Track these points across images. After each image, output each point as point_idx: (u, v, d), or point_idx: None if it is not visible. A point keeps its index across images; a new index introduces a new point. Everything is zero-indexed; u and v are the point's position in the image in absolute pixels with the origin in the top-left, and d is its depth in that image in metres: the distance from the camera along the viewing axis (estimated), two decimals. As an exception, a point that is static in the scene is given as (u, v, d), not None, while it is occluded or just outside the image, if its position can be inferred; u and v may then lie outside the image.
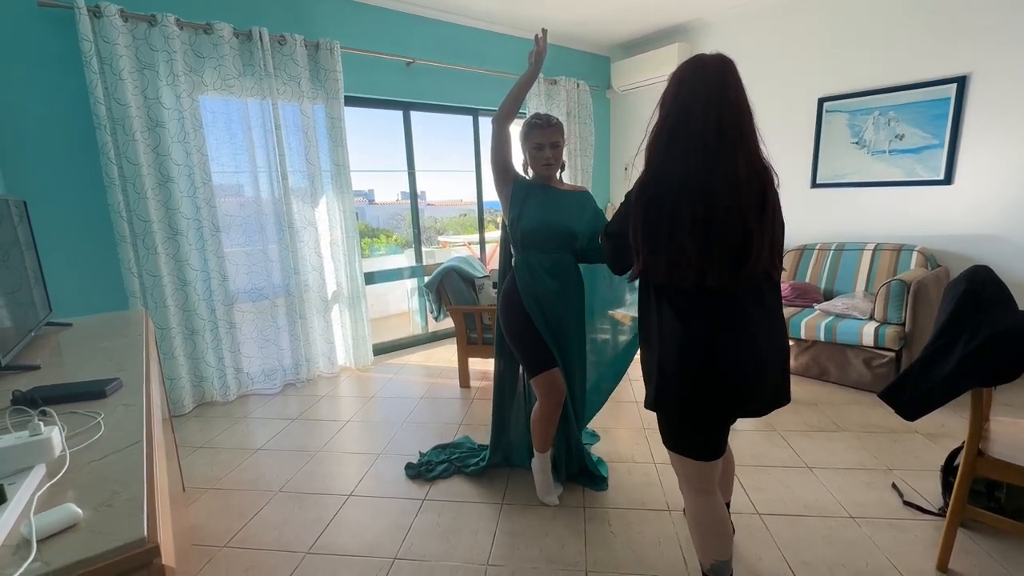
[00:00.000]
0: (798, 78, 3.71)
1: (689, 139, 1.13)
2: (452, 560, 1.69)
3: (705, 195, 1.10)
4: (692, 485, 1.28)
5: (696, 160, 1.12)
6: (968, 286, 1.40)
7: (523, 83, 1.79)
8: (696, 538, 1.32)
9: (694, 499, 1.29)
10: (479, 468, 2.16)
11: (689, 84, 1.15)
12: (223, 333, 3.08)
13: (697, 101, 1.12)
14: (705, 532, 1.29)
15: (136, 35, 2.63)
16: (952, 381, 1.36)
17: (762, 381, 1.17)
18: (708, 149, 1.11)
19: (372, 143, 4.42)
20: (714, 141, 1.11)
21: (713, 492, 1.27)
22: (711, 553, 1.29)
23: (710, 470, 1.25)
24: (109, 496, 0.73)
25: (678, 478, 1.33)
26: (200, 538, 1.83)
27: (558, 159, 1.86)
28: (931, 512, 1.81)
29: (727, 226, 1.10)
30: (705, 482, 1.26)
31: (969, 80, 2.97)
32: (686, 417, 1.21)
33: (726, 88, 1.13)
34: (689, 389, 1.16)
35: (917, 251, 3.13)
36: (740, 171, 1.11)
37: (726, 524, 1.30)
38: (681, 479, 1.31)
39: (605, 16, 4.04)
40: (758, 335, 1.16)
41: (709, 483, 1.26)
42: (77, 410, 1.03)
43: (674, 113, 1.16)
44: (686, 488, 1.31)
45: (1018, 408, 2.59)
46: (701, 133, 1.12)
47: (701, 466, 1.24)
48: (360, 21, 3.48)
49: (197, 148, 2.86)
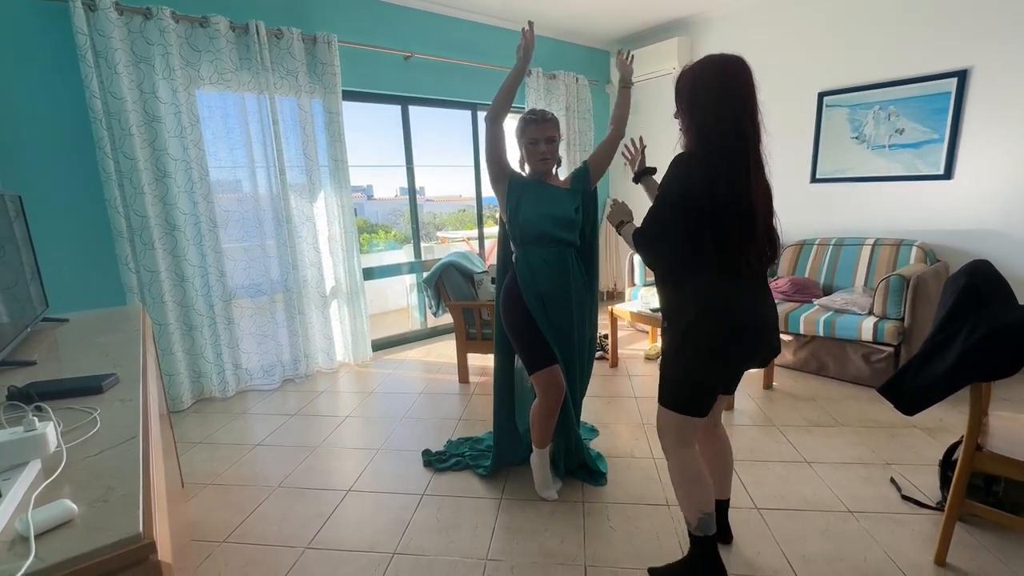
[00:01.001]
0: (798, 72, 3.70)
1: (737, 141, 1.27)
2: (451, 555, 1.69)
3: (747, 195, 1.27)
4: (682, 440, 1.41)
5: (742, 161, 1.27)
6: (968, 281, 1.40)
7: (512, 78, 1.78)
8: (683, 494, 1.43)
9: (681, 453, 1.42)
10: (487, 471, 2.16)
11: (724, 86, 1.28)
12: (221, 329, 3.07)
13: (735, 106, 1.26)
14: (691, 483, 1.41)
15: (132, 28, 2.61)
16: (951, 376, 1.36)
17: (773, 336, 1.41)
18: (748, 150, 1.27)
19: (370, 138, 4.40)
20: (751, 143, 1.28)
21: (695, 444, 1.44)
22: (696, 505, 1.41)
23: (698, 426, 1.42)
24: (105, 492, 0.73)
25: (666, 439, 1.45)
26: (199, 534, 1.83)
27: (554, 154, 1.85)
28: (929, 506, 1.82)
29: (763, 222, 1.31)
30: (692, 436, 1.42)
31: (970, 74, 2.96)
32: (718, 363, 1.36)
33: (753, 90, 1.29)
34: (732, 341, 1.33)
35: (916, 246, 3.12)
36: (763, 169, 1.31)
37: (708, 476, 1.44)
38: (671, 438, 1.43)
39: (605, 10, 4.01)
40: (771, 303, 1.40)
41: (694, 437, 1.44)
42: (73, 406, 1.02)
43: (721, 116, 1.27)
44: (672, 445, 1.43)
45: (1017, 403, 2.59)
46: (744, 136, 1.27)
47: (695, 422, 1.39)
48: (358, 15, 3.45)
49: (194, 143, 2.85)
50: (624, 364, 3.46)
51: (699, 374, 1.36)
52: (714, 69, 1.29)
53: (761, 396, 2.85)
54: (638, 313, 3.28)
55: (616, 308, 3.44)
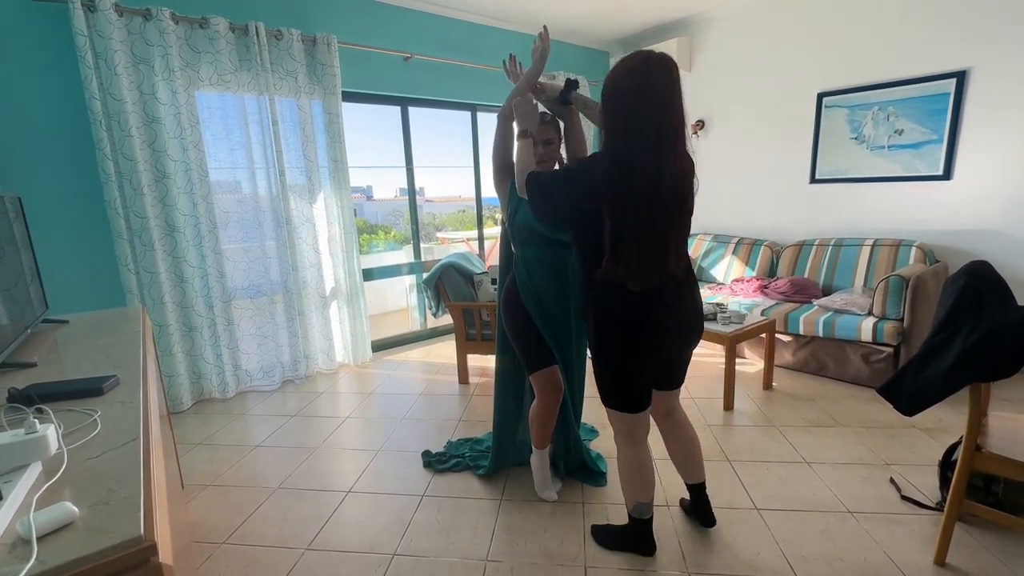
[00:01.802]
0: (797, 73, 3.70)
1: (649, 136, 1.27)
2: (451, 556, 1.69)
3: (655, 191, 1.31)
4: (625, 435, 1.54)
5: (652, 158, 1.28)
6: (967, 281, 1.40)
7: (527, 79, 1.78)
8: (624, 482, 1.59)
9: (626, 449, 1.55)
10: (487, 471, 2.16)
11: (643, 84, 1.27)
12: (221, 330, 3.07)
13: (650, 102, 1.26)
14: (631, 478, 1.57)
15: (131, 29, 2.61)
16: (950, 376, 1.36)
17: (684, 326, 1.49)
18: (663, 148, 1.28)
19: (370, 139, 4.40)
20: (666, 142, 1.29)
21: (642, 443, 1.54)
22: (633, 496, 1.59)
23: (641, 420, 1.51)
24: (106, 494, 0.73)
25: (615, 434, 1.58)
26: (199, 535, 1.83)
27: (552, 156, 1.85)
28: (929, 507, 1.82)
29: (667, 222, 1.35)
30: (637, 431, 1.53)
31: (968, 75, 2.96)
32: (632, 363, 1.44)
33: (670, 89, 1.27)
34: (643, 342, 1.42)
35: (916, 246, 3.13)
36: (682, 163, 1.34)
37: (649, 470, 1.57)
38: (616, 433, 1.57)
39: (604, 11, 4.02)
40: (687, 297, 1.48)
41: (640, 432, 1.53)
42: (74, 407, 1.02)
43: (633, 115, 1.27)
44: (618, 440, 1.57)
45: (1016, 403, 2.60)
46: (659, 135, 1.27)
47: (634, 417, 1.50)
48: (358, 16, 3.45)
49: (194, 144, 2.85)
50: (624, 364, 3.46)
51: (613, 368, 1.46)
52: (631, 70, 1.29)
53: (761, 396, 2.85)
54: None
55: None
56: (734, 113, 4.14)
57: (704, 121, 4.34)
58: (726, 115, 4.20)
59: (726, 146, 4.23)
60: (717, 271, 4.13)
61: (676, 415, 1.71)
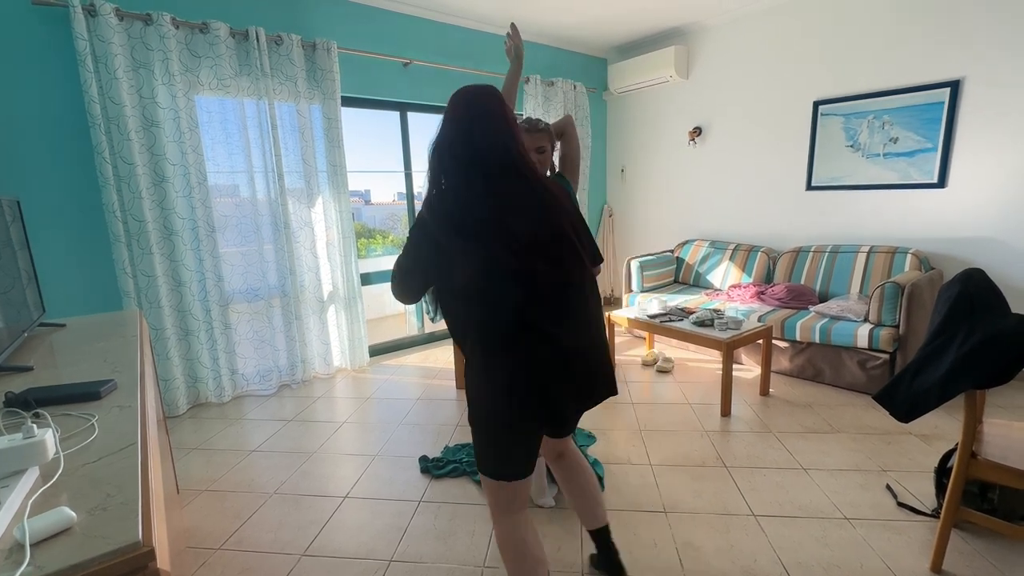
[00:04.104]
0: (794, 81, 3.73)
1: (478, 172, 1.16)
2: (448, 562, 1.68)
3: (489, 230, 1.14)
4: (500, 505, 1.24)
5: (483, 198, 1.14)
6: (962, 289, 1.41)
7: (511, 80, 1.79)
8: (506, 562, 1.26)
9: (502, 522, 1.25)
10: None
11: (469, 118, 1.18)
12: (218, 334, 3.06)
13: (482, 136, 1.16)
14: (511, 559, 1.24)
15: (132, 34, 2.61)
16: (945, 383, 1.37)
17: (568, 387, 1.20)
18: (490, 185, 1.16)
19: (369, 144, 4.40)
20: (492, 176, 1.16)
21: (520, 511, 1.25)
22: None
23: (518, 489, 1.23)
24: (103, 499, 0.73)
25: (490, 508, 1.28)
26: (195, 541, 1.82)
27: (544, 164, 1.85)
28: (925, 513, 1.82)
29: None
30: (513, 501, 1.24)
31: (962, 84, 2.99)
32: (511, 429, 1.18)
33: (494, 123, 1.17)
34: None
35: (911, 254, 3.15)
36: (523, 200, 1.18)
37: (534, 549, 1.25)
38: (490, 503, 1.27)
39: (602, 18, 4.05)
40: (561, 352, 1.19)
41: (517, 502, 1.24)
42: (71, 412, 1.02)
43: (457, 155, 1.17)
44: (493, 511, 1.27)
45: (1011, 410, 2.61)
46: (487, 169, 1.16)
47: (511, 486, 1.21)
48: (357, 21, 3.47)
49: (193, 148, 2.85)
50: (621, 370, 3.46)
51: (483, 438, 1.21)
52: (454, 108, 1.20)
53: (758, 403, 2.86)
54: (635, 319, 3.29)
55: (614, 314, 3.45)
56: (731, 120, 4.17)
57: (701, 128, 4.37)
58: (723, 122, 4.23)
59: (723, 153, 4.26)
60: (714, 277, 4.14)
61: (568, 454, 1.48)
